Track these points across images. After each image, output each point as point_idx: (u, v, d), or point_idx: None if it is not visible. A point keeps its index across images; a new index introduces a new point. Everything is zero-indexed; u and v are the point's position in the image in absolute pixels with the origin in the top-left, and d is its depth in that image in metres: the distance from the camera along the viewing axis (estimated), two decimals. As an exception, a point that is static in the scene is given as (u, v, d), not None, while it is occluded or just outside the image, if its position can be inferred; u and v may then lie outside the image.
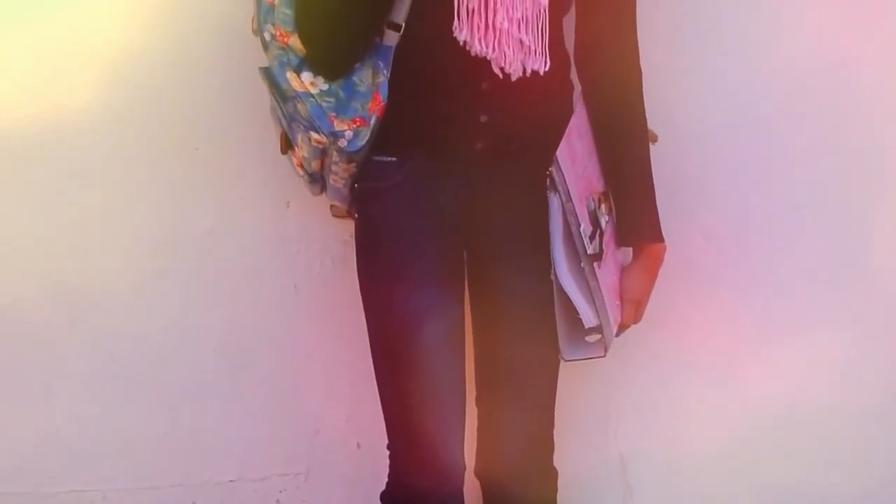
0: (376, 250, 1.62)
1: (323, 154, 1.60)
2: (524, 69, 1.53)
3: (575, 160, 1.59)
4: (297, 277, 1.93)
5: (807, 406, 2.05)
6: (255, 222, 1.90)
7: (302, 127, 1.56)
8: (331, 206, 1.79)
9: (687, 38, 1.93)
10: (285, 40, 1.53)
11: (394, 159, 1.59)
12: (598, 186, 1.67)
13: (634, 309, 1.70)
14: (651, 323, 1.75)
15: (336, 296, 1.89)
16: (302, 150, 1.61)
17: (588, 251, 1.58)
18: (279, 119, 1.60)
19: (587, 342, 1.64)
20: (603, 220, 1.64)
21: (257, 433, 1.97)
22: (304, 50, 1.53)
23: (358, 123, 1.53)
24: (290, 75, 1.54)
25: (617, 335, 1.69)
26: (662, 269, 1.71)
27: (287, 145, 1.65)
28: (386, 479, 1.67)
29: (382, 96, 1.52)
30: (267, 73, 1.57)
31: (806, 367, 2.03)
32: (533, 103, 1.57)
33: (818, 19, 1.94)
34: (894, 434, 2.11)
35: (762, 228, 2.00)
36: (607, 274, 1.64)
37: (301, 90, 1.53)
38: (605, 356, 1.66)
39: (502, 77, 1.52)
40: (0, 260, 1.89)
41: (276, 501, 2.00)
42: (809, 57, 1.95)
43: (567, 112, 1.63)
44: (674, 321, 1.93)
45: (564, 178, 1.54)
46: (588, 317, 1.59)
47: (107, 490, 1.95)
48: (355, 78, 1.53)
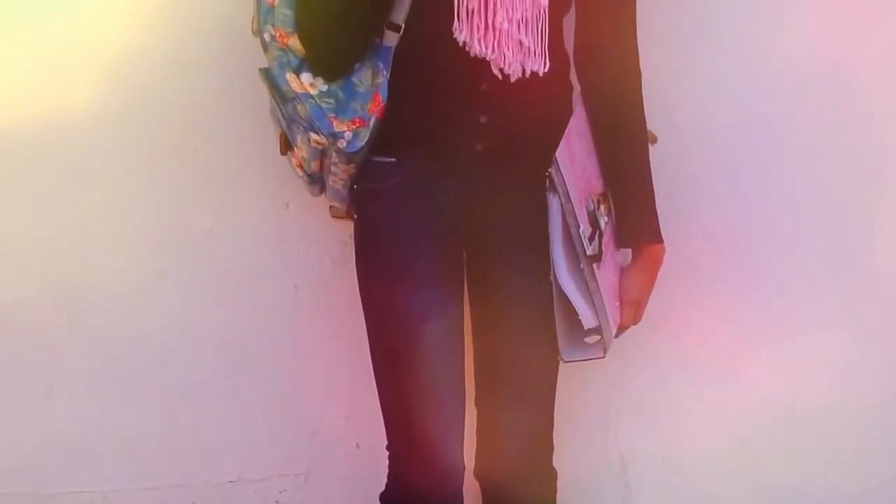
0: (375, 251, 1.62)
1: (322, 155, 1.60)
2: (524, 70, 1.53)
3: (574, 161, 1.59)
4: (297, 278, 1.93)
5: (807, 406, 2.05)
6: (255, 223, 1.90)
7: (301, 128, 1.56)
8: (330, 207, 1.79)
9: (686, 39, 1.93)
10: (285, 41, 1.54)
11: (393, 160, 1.59)
12: (598, 187, 1.67)
13: (634, 310, 1.70)
14: (650, 324, 1.74)
15: (335, 296, 1.89)
16: (301, 151, 1.61)
17: (587, 252, 1.58)
18: (279, 120, 1.61)
19: (586, 343, 1.63)
20: (602, 221, 1.64)
21: (257, 434, 1.97)
22: (304, 51, 1.53)
23: (357, 124, 1.53)
24: (290, 76, 1.54)
25: (616, 336, 1.69)
26: (662, 270, 1.71)
27: (286, 146, 1.65)
28: (385, 480, 1.67)
29: (382, 97, 1.52)
30: (266, 74, 1.58)
31: (806, 368, 2.03)
32: (532, 104, 1.57)
33: (818, 19, 1.94)
34: (894, 434, 2.11)
35: (762, 229, 2.00)
36: (607, 275, 1.63)
37: (300, 91, 1.54)
38: (605, 357, 1.66)
39: (502, 78, 1.52)
40: (0, 260, 1.88)
41: (276, 502, 2.01)
42: (809, 57, 1.95)
43: (566, 113, 1.63)
44: (673, 322, 1.93)
45: (564, 179, 1.53)
46: (587, 318, 1.59)
47: (107, 491, 1.95)
48: (355, 79, 1.54)
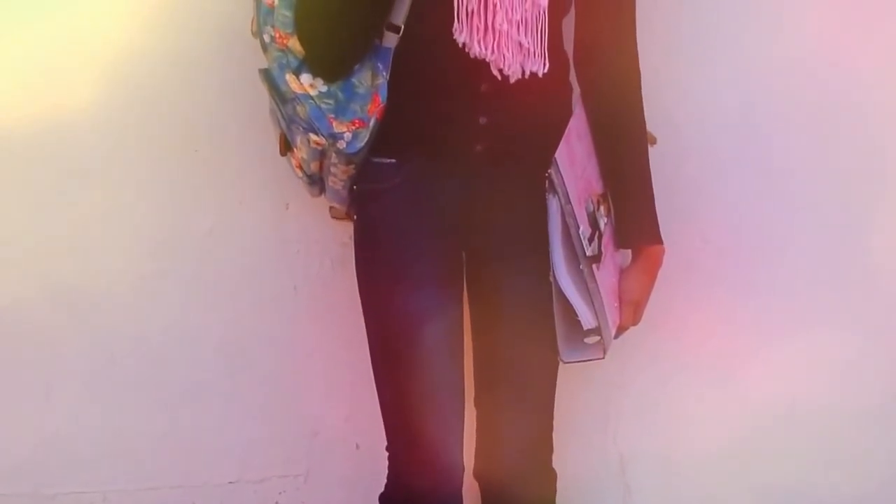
0: (375, 252, 1.63)
1: (322, 156, 1.60)
2: (523, 71, 1.53)
3: (574, 162, 1.59)
4: (297, 279, 1.93)
5: (806, 406, 2.05)
6: (255, 223, 1.91)
7: (301, 129, 1.57)
8: (330, 208, 1.79)
9: (686, 40, 1.93)
10: (285, 42, 1.54)
11: (393, 161, 1.59)
12: (597, 188, 1.67)
13: (633, 311, 1.70)
14: (650, 324, 1.74)
15: (335, 297, 1.89)
16: (301, 152, 1.62)
17: (587, 253, 1.58)
18: (278, 121, 1.61)
19: (586, 344, 1.63)
20: (602, 222, 1.64)
21: (257, 434, 1.97)
22: (304, 52, 1.53)
23: (357, 125, 1.53)
24: (290, 77, 1.54)
25: (616, 337, 1.69)
26: (661, 271, 1.71)
27: (286, 147, 1.65)
28: (385, 480, 1.67)
29: (381, 98, 1.52)
30: (266, 75, 1.58)
31: (805, 368, 2.03)
32: (532, 105, 1.57)
33: (817, 21, 1.94)
34: (894, 434, 2.11)
35: (761, 230, 2.00)
36: (606, 276, 1.63)
37: (300, 92, 1.54)
38: (604, 358, 1.66)
39: (501, 79, 1.52)
40: (0, 260, 1.88)
41: (276, 503, 2.01)
42: (808, 58, 1.95)
43: (566, 114, 1.63)
44: (673, 323, 1.94)
45: (563, 180, 1.53)
46: (587, 319, 1.59)
47: (106, 491, 1.95)
48: (354, 80, 1.54)
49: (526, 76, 1.53)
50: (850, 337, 2.03)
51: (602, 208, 1.65)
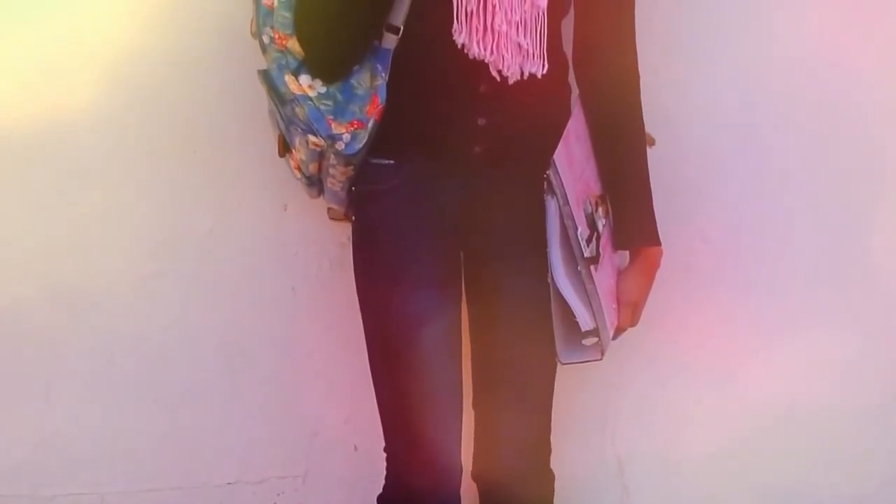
0: (374, 253, 1.62)
1: (321, 157, 1.60)
2: (522, 72, 1.53)
3: (572, 163, 1.59)
4: (295, 279, 1.93)
5: (805, 407, 2.05)
6: (254, 224, 1.90)
7: (300, 130, 1.56)
8: (328, 209, 1.79)
9: (685, 42, 1.93)
10: (284, 43, 1.53)
11: (391, 162, 1.59)
12: (596, 190, 1.66)
13: (631, 312, 1.69)
14: (648, 326, 1.74)
15: (334, 298, 1.88)
16: (300, 153, 1.61)
17: (585, 254, 1.57)
18: (277, 122, 1.60)
19: (584, 345, 1.62)
20: (600, 224, 1.64)
21: (256, 435, 1.97)
22: (303, 53, 1.53)
23: (356, 126, 1.53)
24: (289, 78, 1.54)
25: (614, 338, 1.68)
26: (659, 272, 1.70)
27: (285, 148, 1.65)
28: (384, 482, 1.67)
29: (380, 99, 1.52)
30: (265, 76, 1.57)
31: (804, 369, 2.03)
32: (531, 106, 1.56)
33: (815, 22, 1.94)
34: (894, 434, 2.11)
35: (759, 231, 2.00)
36: (604, 277, 1.63)
37: (299, 93, 1.53)
38: (602, 359, 1.66)
39: (500, 80, 1.52)
40: (0, 260, 1.88)
41: None
42: (806, 59, 1.94)
43: (565, 115, 1.62)
44: (671, 324, 1.93)
45: (561, 182, 1.53)
46: (585, 320, 1.58)
47: (105, 492, 1.95)
48: (353, 81, 1.54)
49: (525, 77, 1.53)
50: (850, 337, 2.03)
51: (600, 210, 1.65)
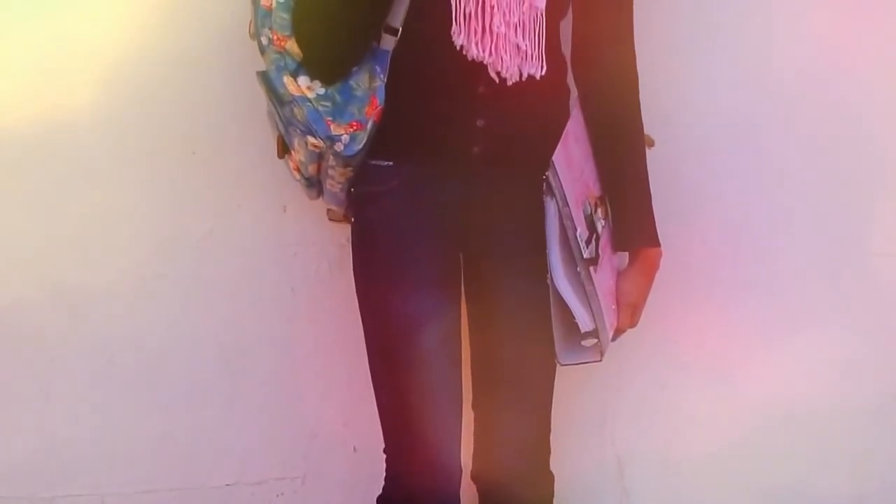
0: (373, 254, 1.62)
1: (320, 158, 1.60)
2: (521, 73, 1.53)
3: (571, 164, 1.59)
4: (294, 281, 1.93)
5: (804, 408, 2.05)
6: (253, 226, 1.90)
7: (299, 131, 1.56)
8: (327, 210, 1.79)
9: (683, 43, 1.93)
10: (282, 44, 1.53)
11: (390, 163, 1.59)
12: (595, 191, 1.66)
13: (631, 313, 1.69)
14: (647, 327, 1.74)
15: (333, 299, 1.88)
16: (299, 155, 1.61)
17: (584, 255, 1.57)
18: (276, 123, 1.60)
19: (583, 346, 1.63)
20: (599, 225, 1.64)
21: (254, 437, 1.97)
22: (301, 54, 1.53)
23: (355, 128, 1.53)
24: (287, 79, 1.54)
25: (613, 339, 1.69)
26: (659, 273, 1.70)
27: (284, 149, 1.65)
28: (383, 483, 1.67)
29: (379, 100, 1.52)
30: (264, 78, 1.57)
31: (803, 369, 2.03)
32: (529, 107, 1.57)
33: (814, 23, 1.94)
34: (894, 434, 2.11)
35: (759, 232, 2.00)
36: (604, 278, 1.63)
37: (298, 94, 1.54)
38: (602, 360, 1.66)
39: (499, 81, 1.52)
40: (0, 260, 1.88)
41: (273, 505, 2.02)
42: (805, 60, 1.95)
43: (564, 116, 1.62)
44: (670, 325, 1.93)
45: (561, 183, 1.53)
46: (584, 321, 1.58)
47: (104, 494, 1.94)
48: (352, 82, 1.54)
49: (523, 78, 1.53)
50: (849, 337, 2.03)
51: (599, 211, 1.65)
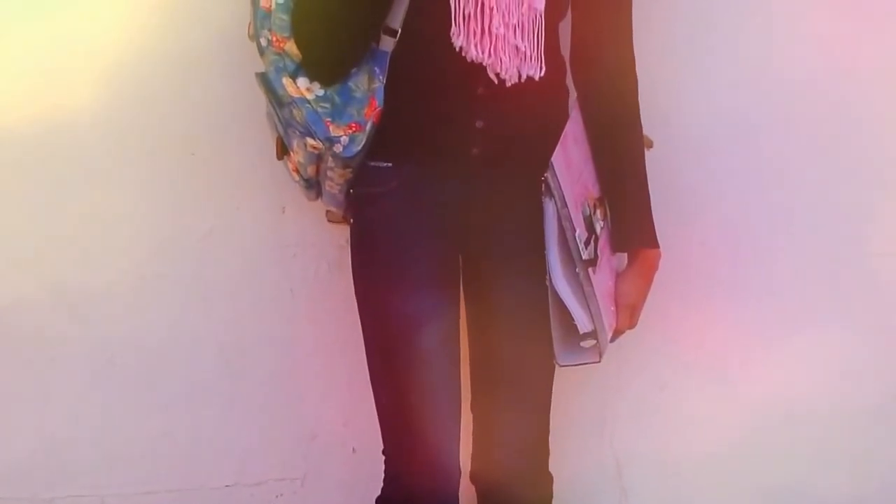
0: (372, 255, 1.63)
1: (319, 159, 1.60)
2: (520, 75, 1.53)
3: (570, 166, 1.59)
4: (294, 282, 1.93)
5: (804, 408, 2.05)
6: (252, 227, 1.90)
7: (298, 132, 1.56)
8: (326, 212, 1.79)
9: (682, 44, 1.93)
10: (281, 46, 1.53)
11: (389, 164, 1.59)
12: (594, 192, 1.66)
13: (629, 314, 1.69)
14: (646, 328, 1.74)
15: (332, 300, 1.88)
16: (298, 156, 1.62)
17: (583, 256, 1.58)
18: (275, 124, 1.60)
19: (582, 348, 1.63)
20: (598, 226, 1.64)
21: (254, 438, 1.97)
22: (300, 55, 1.53)
23: (354, 129, 1.53)
24: (286, 81, 1.54)
25: (612, 340, 1.68)
26: (658, 274, 1.70)
27: (283, 151, 1.65)
28: (382, 484, 1.67)
29: (378, 102, 1.52)
30: (263, 79, 1.57)
31: (803, 370, 2.03)
32: (528, 109, 1.57)
33: (813, 24, 1.94)
34: (894, 435, 2.11)
35: (757, 232, 2.00)
36: (602, 279, 1.63)
37: (297, 96, 1.54)
38: (600, 361, 1.66)
39: (498, 82, 1.52)
40: (0, 260, 1.88)
41: (272, 506, 2.02)
42: (803, 62, 1.95)
43: (563, 117, 1.63)
44: (669, 326, 1.94)
45: (559, 184, 1.54)
46: (583, 322, 1.59)
47: (104, 495, 1.94)
48: (351, 83, 1.54)
49: (522, 80, 1.53)
50: (849, 337, 2.04)
51: (598, 212, 1.65)
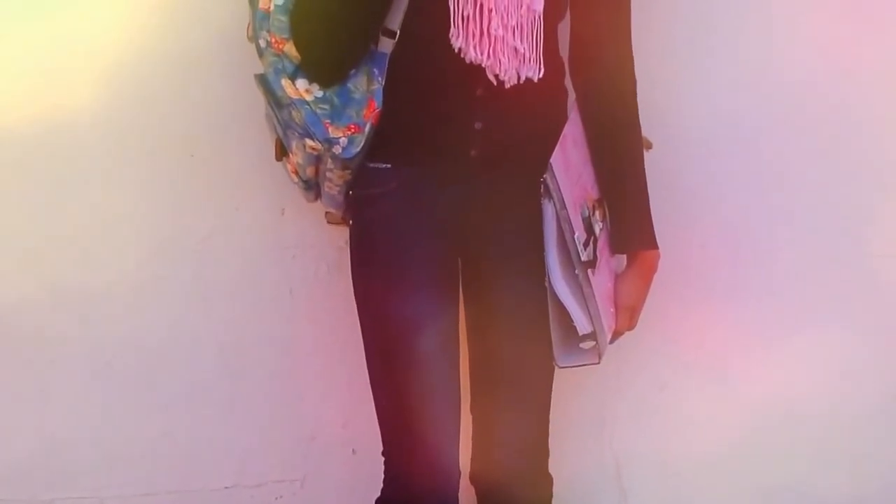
0: (371, 256, 1.63)
1: (318, 161, 1.60)
2: (519, 76, 1.53)
3: (569, 167, 1.59)
4: (293, 283, 1.93)
5: (804, 409, 2.05)
6: (251, 228, 1.90)
7: (297, 134, 1.56)
8: (326, 213, 1.79)
9: (681, 45, 1.93)
10: (280, 47, 1.53)
11: (388, 166, 1.59)
12: (593, 193, 1.66)
13: (629, 316, 1.69)
14: (646, 329, 1.74)
15: (331, 301, 1.88)
16: (297, 157, 1.62)
17: (582, 258, 1.58)
18: (274, 126, 1.60)
19: (581, 349, 1.63)
20: (597, 227, 1.64)
21: (254, 439, 1.97)
22: (299, 57, 1.52)
23: (353, 130, 1.53)
24: (285, 82, 1.54)
25: (611, 342, 1.69)
26: (657, 275, 1.70)
27: (282, 152, 1.65)
28: (382, 485, 1.67)
29: (377, 103, 1.52)
30: (262, 80, 1.57)
31: (802, 371, 2.03)
32: (527, 110, 1.57)
33: (813, 25, 1.93)
34: (894, 435, 2.11)
35: (757, 233, 2.00)
36: (602, 281, 1.63)
37: (296, 97, 1.53)
38: (600, 363, 1.66)
39: (497, 84, 1.52)
40: (0, 260, 1.88)
41: (272, 508, 2.02)
42: (803, 64, 1.95)
43: (562, 119, 1.63)
44: (669, 327, 1.94)
45: (558, 185, 1.54)
46: (582, 324, 1.59)
47: (104, 496, 1.94)
48: (350, 85, 1.54)
49: (521, 81, 1.53)
50: (849, 337, 2.04)
51: (597, 213, 1.65)
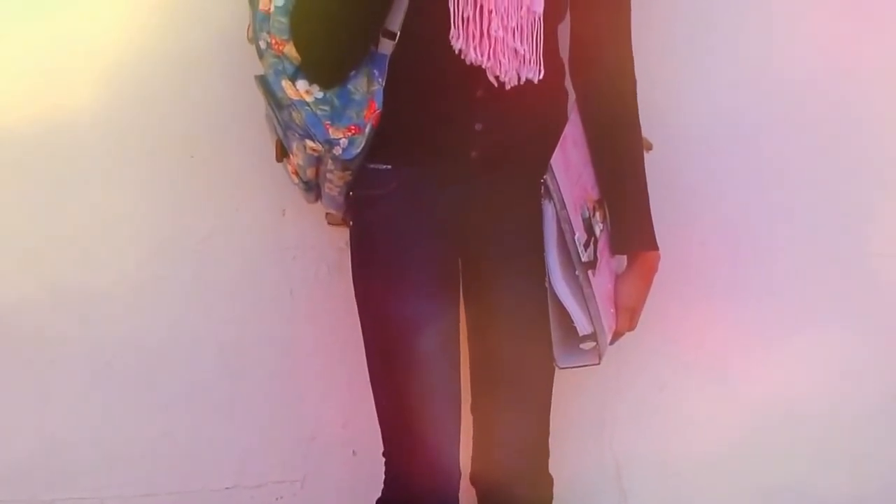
0: (371, 257, 1.63)
1: (318, 162, 1.61)
2: (519, 77, 1.53)
3: (569, 168, 1.59)
4: (293, 284, 1.93)
5: (804, 409, 2.05)
6: (252, 229, 1.90)
7: (297, 135, 1.56)
8: (326, 214, 1.80)
9: (681, 46, 1.93)
10: (280, 48, 1.53)
11: (389, 167, 1.59)
12: (593, 194, 1.66)
13: (629, 316, 1.70)
14: (646, 329, 1.74)
15: (332, 302, 1.88)
16: (297, 158, 1.62)
17: (582, 259, 1.58)
18: (275, 127, 1.60)
19: (582, 350, 1.63)
20: (597, 228, 1.64)
21: (254, 440, 1.97)
22: (300, 58, 1.52)
23: (353, 131, 1.53)
24: (286, 83, 1.54)
25: (612, 343, 1.69)
26: (658, 275, 1.70)
27: (282, 153, 1.65)
28: (382, 486, 1.67)
29: (377, 104, 1.52)
30: (262, 82, 1.57)
31: (802, 371, 2.03)
32: (528, 111, 1.57)
33: (813, 24, 1.94)
34: (894, 435, 2.11)
35: (757, 234, 2.00)
36: (602, 281, 1.63)
37: (296, 98, 1.53)
38: (600, 363, 1.66)
39: (497, 85, 1.52)
40: (0, 260, 1.88)
41: (273, 508, 2.02)
42: (803, 63, 1.95)
43: (562, 120, 1.63)
44: (669, 327, 1.94)
45: (559, 186, 1.54)
46: (582, 324, 1.59)
47: (104, 497, 1.94)
48: (350, 86, 1.54)
49: (521, 82, 1.53)
50: (849, 337, 2.04)
51: (598, 214, 1.65)
